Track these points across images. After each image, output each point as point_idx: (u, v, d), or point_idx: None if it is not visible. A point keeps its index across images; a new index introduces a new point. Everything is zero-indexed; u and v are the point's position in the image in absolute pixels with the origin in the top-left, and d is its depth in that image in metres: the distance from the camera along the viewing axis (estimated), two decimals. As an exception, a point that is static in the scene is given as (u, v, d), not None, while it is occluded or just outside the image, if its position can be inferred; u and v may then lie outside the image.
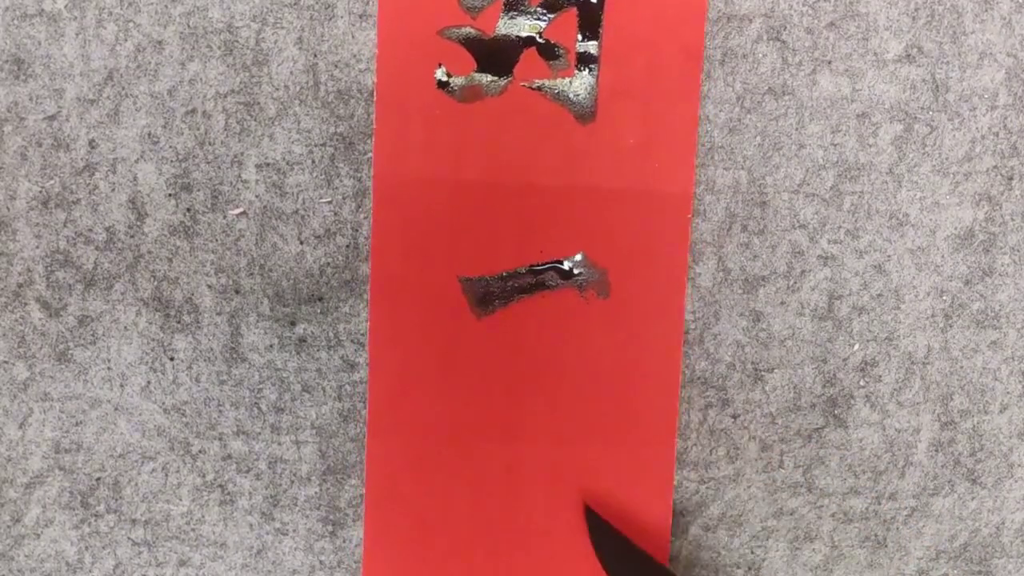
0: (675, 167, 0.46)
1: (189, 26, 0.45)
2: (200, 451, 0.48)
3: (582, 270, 0.46)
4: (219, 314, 0.47)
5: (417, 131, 0.45)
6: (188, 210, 0.46)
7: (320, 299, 0.47)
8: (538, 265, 0.46)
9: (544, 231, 0.46)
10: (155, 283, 0.46)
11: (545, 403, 0.47)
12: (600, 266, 0.46)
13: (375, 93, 0.45)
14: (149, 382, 0.47)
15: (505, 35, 0.45)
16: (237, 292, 0.47)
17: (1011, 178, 0.48)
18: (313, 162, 0.46)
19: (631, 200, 0.46)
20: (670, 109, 0.46)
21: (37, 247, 0.46)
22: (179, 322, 0.47)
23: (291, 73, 0.45)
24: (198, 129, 0.45)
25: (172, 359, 0.47)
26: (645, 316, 0.47)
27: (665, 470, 0.48)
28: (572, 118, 0.45)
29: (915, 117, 0.47)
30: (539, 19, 0.45)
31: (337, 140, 0.46)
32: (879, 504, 0.49)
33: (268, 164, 0.46)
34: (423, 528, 0.48)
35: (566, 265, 0.46)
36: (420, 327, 0.46)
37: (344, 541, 0.48)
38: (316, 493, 0.48)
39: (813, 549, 0.50)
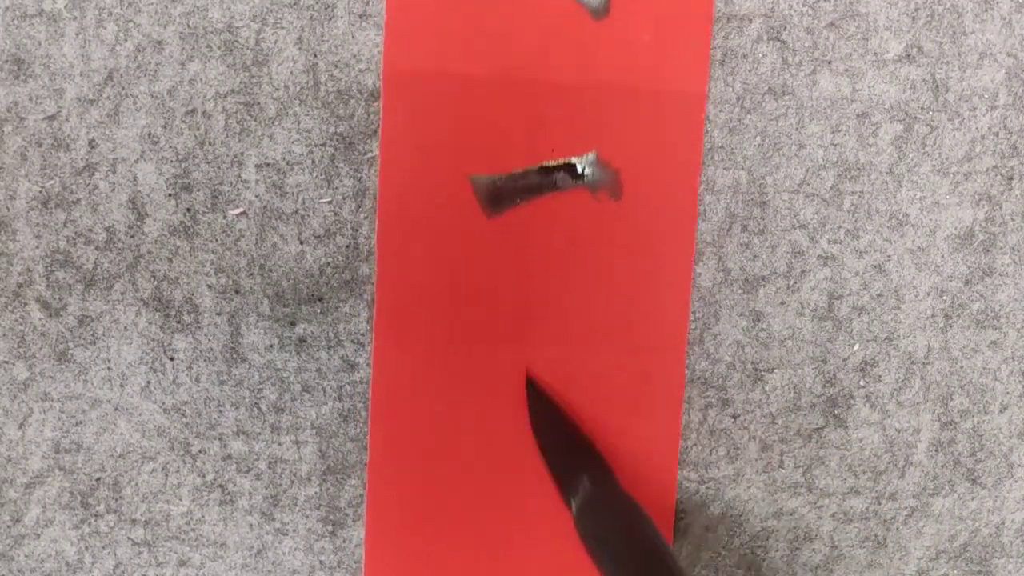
0: (689, 66, 0.45)
1: (189, 26, 0.45)
2: (200, 451, 0.48)
3: (594, 170, 0.45)
4: (219, 314, 0.47)
5: (428, 23, 0.44)
6: (188, 210, 0.46)
7: (320, 299, 0.47)
8: (550, 164, 0.45)
9: (556, 129, 0.45)
10: (155, 283, 0.46)
11: (555, 305, 0.46)
12: (612, 167, 0.46)
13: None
14: (149, 382, 0.47)
15: None
16: (237, 292, 0.47)
17: (1011, 178, 0.48)
18: (313, 162, 0.46)
19: (644, 99, 0.45)
20: (684, 5, 0.45)
21: (37, 247, 0.46)
22: (179, 322, 0.47)
23: (291, 73, 0.45)
24: (198, 129, 0.45)
25: (172, 359, 0.47)
26: (657, 218, 0.46)
27: (676, 365, 0.47)
28: (586, 13, 0.44)
29: (915, 117, 0.47)
30: None
31: (337, 140, 0.46)
32: (879, 504, 0.49)
33: (268, 164, 0.46)
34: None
35: (578, 166, 0.46)
36: (430, 226, 0.45)
37: (344, 541, 0.48)
38: (316, 493, 0.48)
39: (813, 549, 0.50)
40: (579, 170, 0.45)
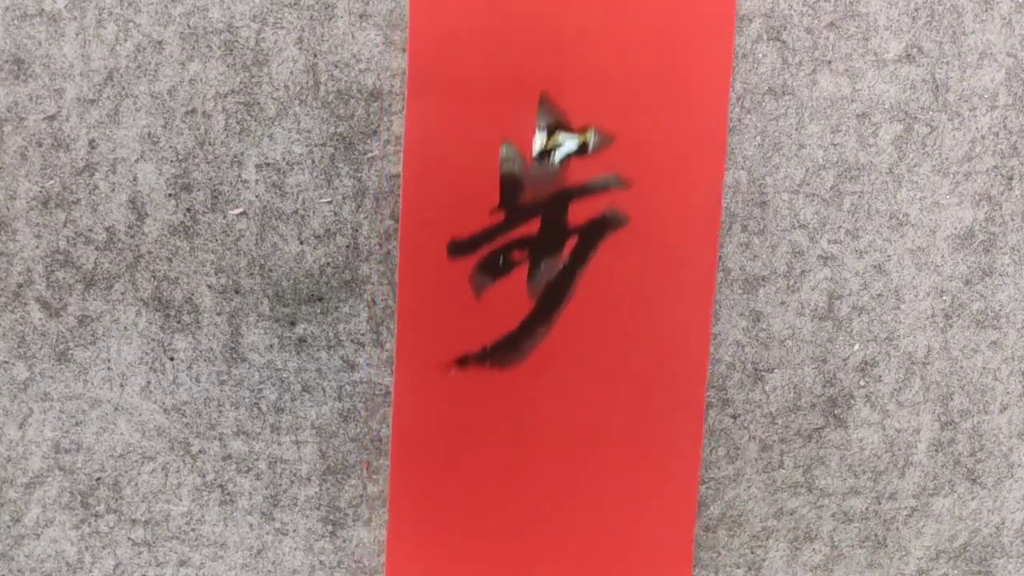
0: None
1: (189, 26, 0.45)
2: (200, 451, 0.48)
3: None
4: (219, 314, 0.47)
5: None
6: (188, 210, 0.46)
7: (320, 299, 0.47)
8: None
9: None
10: (155, 283, 0.46)
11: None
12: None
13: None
14: (149, 382, 0.47)
15: None
16: (237, 292, 0.47)
17: (1011, 178, 0.48)
18: (313, 162, 0.46)
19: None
20: None
21: (37, 247, 0.46)
22: (179, 322, 0.47)
23: (291, 73, 0.45)
24: (198, 129, 0.45)
25: (172, 359, 0.47)
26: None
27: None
28: None
29: (915, 117, 0.47)
30: None
31: (337, 140, 0.46)
32: (879, 504, 0.49)
33: (268, 164, 0.46)
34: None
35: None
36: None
37: (344, 541, 0.48)
38: (316, 493, 0.48)
39: (813, 549, 0.50)
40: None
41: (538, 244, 0.46)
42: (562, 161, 0.45)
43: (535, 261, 0.46)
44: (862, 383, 0.49)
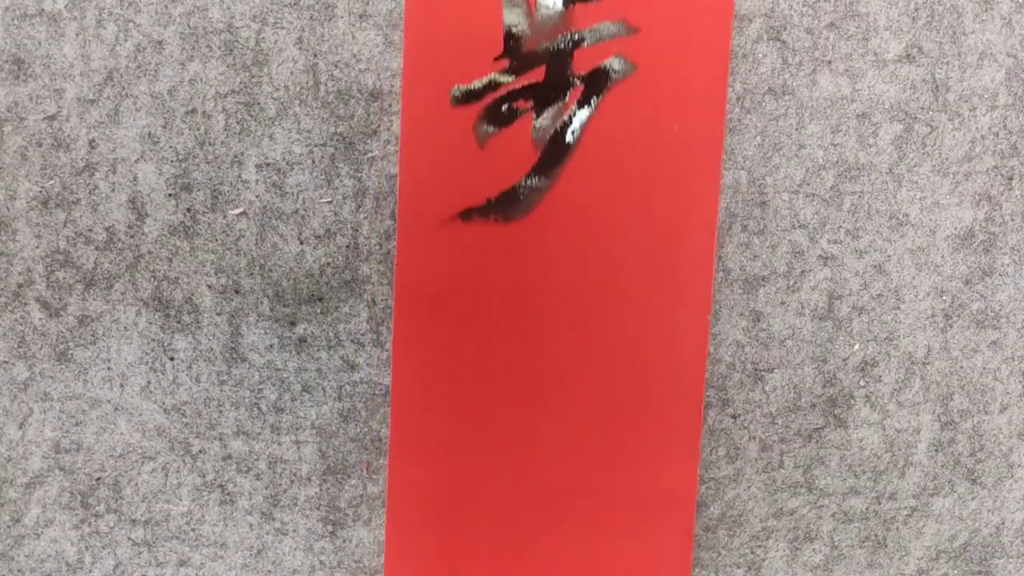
0: None
1: (189, 26, 0.45)
2: (200, 451, 0.48)
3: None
4: (219, 314, 0.47)
5: None
6: (188, 210, 0.46)
7: (320, 299, 0.47)
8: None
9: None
10: (155, 283, 0.46)
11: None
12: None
13: None
14: (149, 382, 0.47)
15: None
16: (237, 292, 0.47)
17: (1011, 178, 0.48)
18: (313, 162, 0.46)
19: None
20: None
21: (37, 247, 0.46)
22: (179, 322, 0.47)
23: (291, 73, 0.45)
24: (198, 129, 0.45)
25: (172, 359, 0.47)
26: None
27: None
28: None
29: (915, 117, 0.47)
30: None
31: (337, 140, 0.46)
32: (879, 504, 0.49)
33: (268, 164, 0.46)
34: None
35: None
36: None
37: (344, 541, 0.48)
38: (316, 493, 0.48)
39: (813, 549, 0.50)
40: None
41: (543, 92, 0.44)
42: (566, 4, 0.44)
43: (540, 110, 0.44)
44: (862, 383, 0.49)
